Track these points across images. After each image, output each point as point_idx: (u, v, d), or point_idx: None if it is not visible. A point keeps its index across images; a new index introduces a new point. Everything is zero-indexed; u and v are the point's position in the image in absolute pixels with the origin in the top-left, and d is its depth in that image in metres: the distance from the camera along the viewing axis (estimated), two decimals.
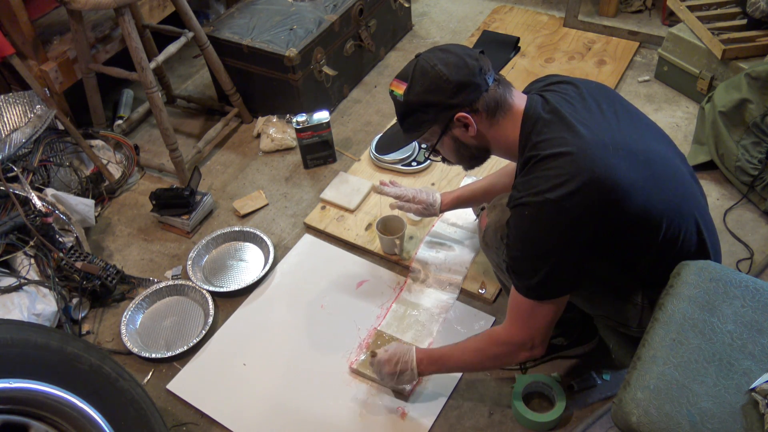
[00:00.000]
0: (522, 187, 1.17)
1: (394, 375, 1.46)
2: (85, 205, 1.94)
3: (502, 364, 1.54)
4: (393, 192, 1.75)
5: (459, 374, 1.59)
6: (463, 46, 1.27)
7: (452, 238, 1.90)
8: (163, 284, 1.86)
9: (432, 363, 1.45)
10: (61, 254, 1.76)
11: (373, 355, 1.51)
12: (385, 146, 1.41)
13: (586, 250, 1.18)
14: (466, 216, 1.95)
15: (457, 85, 1.20)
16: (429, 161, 2.13)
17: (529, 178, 1.17)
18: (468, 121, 1.23)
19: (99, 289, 1.80)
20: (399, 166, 2.13)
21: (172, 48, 2.14)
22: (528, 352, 1.29)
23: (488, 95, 1.22)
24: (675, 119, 2.28)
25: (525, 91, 1.33)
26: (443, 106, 1.23)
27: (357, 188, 2.08)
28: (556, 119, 1.19)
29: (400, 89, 1.26)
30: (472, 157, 1.34)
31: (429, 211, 1.74)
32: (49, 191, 1.88)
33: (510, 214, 1.22)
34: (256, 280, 1.85)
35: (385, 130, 1.45)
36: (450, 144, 1.30)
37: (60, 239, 1.81)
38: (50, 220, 1.78)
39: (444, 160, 1.39)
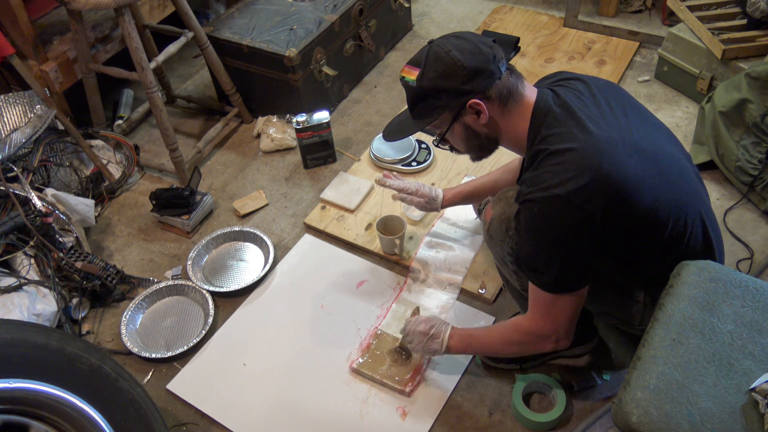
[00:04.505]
0: (531, 182, 1.18)
1: (426, 336, 1.46)
2: (85, 205, 1.94)
3: (528, 353, 1.54)
4: (395, 185, 1.75)
5: (460, 373, 1.59)
6: (476, 34, 1.27)
7: (452, 238, 1.90)
8: (163, 284, 1.86)
9: (461, 340, 1.45)
10: (61, 254, 1.76)
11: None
12: (393, 133, 1.39)
13: (596, 245, 1.18)
14: (466, 215, 1.95)
15: (471, 72, 1.20)
16: (429, 161, 2.13)
17: (537, 173, 1.17)
18: (480, 108, 1.23)
19: (99, 289, 1.80)
20: (399, 166, 2.13)
21: (172, 48, 2.14)
22: (553, 343, 1.30)
23: (501, 83, 1.22)
24: (675, 119, 2.28)
25: (535, 86, 1.33)
26: (456, 92, 1.22)
27: (357, 188, 2.08)
28: (566, 114, 1.19)
29: (413, 75, 1.25)
30: (481, 147, 1.34)
31: (431, 205, 1.75)
32: (49, 191, 1.88)
33: (515, 208, 1.22)
34: (256, 280, 1.85)
35: (392, 118, 1.45)
36: (460, 132, 1.30)
37: (60, 239, 1.81)
38: (50, 220, 1.78)
39: (452, 149, 1.39)
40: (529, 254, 1.22)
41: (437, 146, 1.38)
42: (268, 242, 1.94)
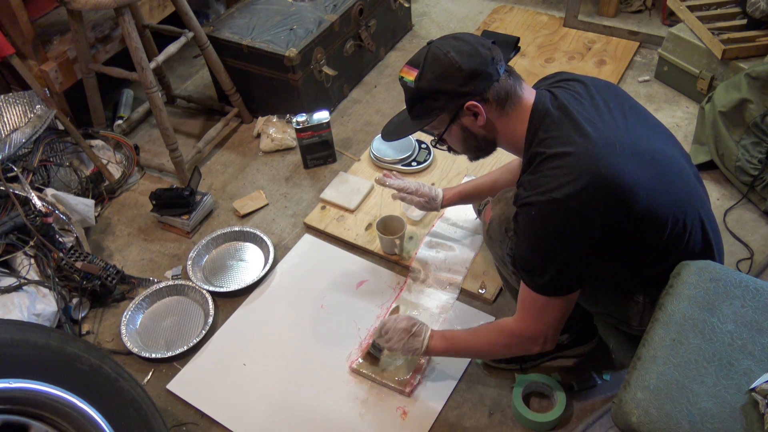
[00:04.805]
0: (528, 185, 1.18)
1: (407, 334, 1.43)
2: (85, 205, 1.94)
3: (513, 355, 1.55)
4: (396, 184, 1.75)
5: (460, 374, 1.59)
6: (475, 35, 1.27)
7: (452, 238, 1.90)
8: (163, 284, 1.86)
9: (443, 341, 1.43)
10: (61, 254, 1.76)
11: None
12: (392, 133, 1.39)
13: (593, 249, 1.18)
14: (466, 215, 1.95)
15: (469, 74, 1.20)
16: (429, 161, 2.13)
17: (535, 177, 1.17)
18: (478, 110, 1.23)
19: (99, 289, 1.80)
20: (399, 166, 2.13)
21: (172, 48, 2.14)
22: (540, 345, 1.30)
23: (499, 85, 1.22)
24: (675, 119, 2.28)
25: (534, 87, 1.33)
26: (454, 94, 1.22)
27: (357, 188, 2.08)
28: (564, 116, 1.19)
29: (411, 75, 1.25)
30: (478, 148, 1.34)
31: (431, 204, 1.75)
32: (49, 191, 1.88)
33: (515, 209, 1.22)
34: (256, 280, 1.85)
35: (391, 118, 1.45)
36: (458, 133, 1.30)
37: (60, 239, 1.81)
38: (50, 220, 1.78)
39: (450, 149, 1.39)
40: (526, 257, 1.22)
41: (435, 146, 1.38)
42: (268, 242, 1.94)
